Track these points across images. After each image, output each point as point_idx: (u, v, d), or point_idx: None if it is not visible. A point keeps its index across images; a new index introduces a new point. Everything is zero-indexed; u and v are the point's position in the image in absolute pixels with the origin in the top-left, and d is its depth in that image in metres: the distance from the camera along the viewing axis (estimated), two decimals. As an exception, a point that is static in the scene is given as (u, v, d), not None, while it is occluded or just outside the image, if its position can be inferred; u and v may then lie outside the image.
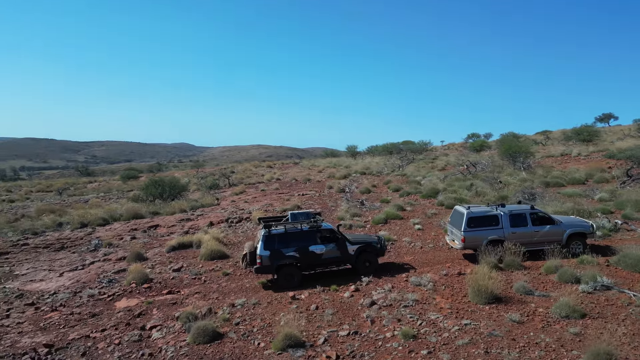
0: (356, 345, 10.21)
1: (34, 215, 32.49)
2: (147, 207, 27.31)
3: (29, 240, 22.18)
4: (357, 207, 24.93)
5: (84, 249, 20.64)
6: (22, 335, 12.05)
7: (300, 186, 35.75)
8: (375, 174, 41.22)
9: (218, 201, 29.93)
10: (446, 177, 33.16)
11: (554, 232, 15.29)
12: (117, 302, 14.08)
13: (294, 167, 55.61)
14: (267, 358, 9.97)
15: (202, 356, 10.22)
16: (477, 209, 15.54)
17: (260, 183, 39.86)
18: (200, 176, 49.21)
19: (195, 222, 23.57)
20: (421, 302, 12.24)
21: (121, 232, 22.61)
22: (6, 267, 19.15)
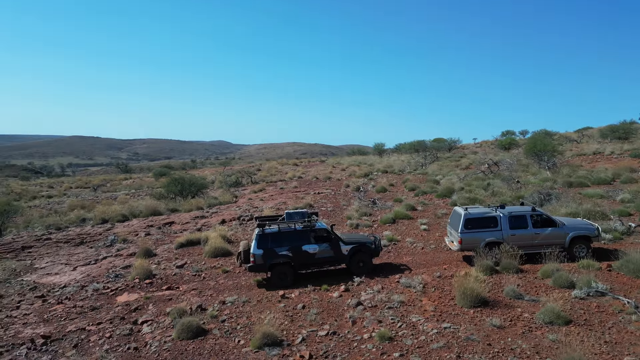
0: (332, 345, 10.31)
1: (65, 211, 34.13)
2: (166, 204, 28.20)
3: (52, 235, 23.38)
4: (369, 207, 24.88)
5: (100, 244, 21.59)
6: (25, 326, 12.80)
7: (319, 184, 35.93)
8: (396, 172, 40.89)
9: (236, 199, 30.53)
10: (466, 177, 32.52)
11: (556, 235, 14.84)
12: (118, 297, 14.69)
13: (319, 165, 55.83)
14: (244, 356, 10.22)
15: (182, 351, 10.58)
16: (475, 210, 15.28)
17: (281, 181, 40.29)
18: (226, 174, 50.19)
19: (208, 220, 24.17)
20: (407, 303, 12.19)
21: (137, 229, 23.47)
22: (28, 261, 20.29)
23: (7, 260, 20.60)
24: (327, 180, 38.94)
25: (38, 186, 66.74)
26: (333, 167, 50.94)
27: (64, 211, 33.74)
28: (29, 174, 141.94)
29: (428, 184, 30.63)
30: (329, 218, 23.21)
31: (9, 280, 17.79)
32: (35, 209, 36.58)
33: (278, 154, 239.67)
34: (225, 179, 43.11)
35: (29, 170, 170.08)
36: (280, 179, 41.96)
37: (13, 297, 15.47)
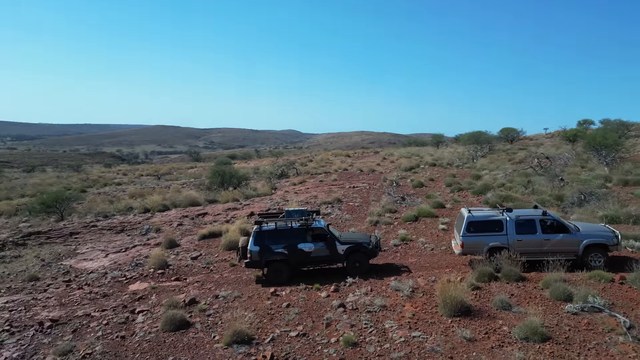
0: (296, 347, 10.45)
1: (125, 198, 36.82)
2: (206, 195, 29.52)
3: (99, 223, 25.41)
4: (397, 203, 24.43)
5: (136, 233, 23.16)
6: (44, 309, 14.17)
7: (359, 178, 35.72)
8: (444, 165, 39.58)
9: (274, 191, 31.23)
10: (513, 172, 30.80)
11: (568, 242, 13.79)
12: (130, 285, 15.78)
13: (371, 157, 55.31)
14: (213, 351, 10.65)
15: (161, 343, 11.22)
16: (479, 213, 14.57)
17: (326, 173, 40.52)
18: (278, 165, 51.27)
19: (239, 212, 25.02)
20: (388, 308, 11.99)
21: (173, 219, 24.86)
22: (72, 246, 22.27)
23: (56, 244, 22.75)
24: (371, 173, 38.59)
25: (115, 173, 72.13)
26: (383, 159, 50.29)
27: (124, 199, 36.41)
28: (113, 161, 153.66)
29: (468, 180, 29.41)
30: (353, 213, 23.14)
31: (51, 263, 19.68)
32: (100, 196, 39.77)
33: (345, 143, 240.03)
34: (275, 171, 44.11)
35: (116, 157, 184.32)
36: (325, 171, 42.20)
37: (45, 281, 17.15)
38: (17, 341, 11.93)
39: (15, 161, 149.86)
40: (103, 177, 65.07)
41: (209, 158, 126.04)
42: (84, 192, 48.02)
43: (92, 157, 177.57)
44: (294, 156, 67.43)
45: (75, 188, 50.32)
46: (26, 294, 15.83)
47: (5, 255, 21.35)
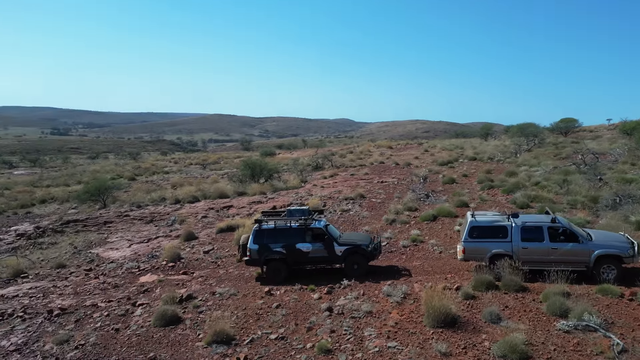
0: (271, 350, 10.52)
1: (166, 188, 38.40)
2: (236, 187, 30.17)
3: (131, 212, 26.70)
4: (420, 200, 23.81)
5: (163, 224, 24.13)
6: (58, 297, 15.15)
7: (392, 172, 35.06)
8: (485, 160, 38.00)
9: (304, 184, 31.37)
10: (554, 169, 29.06)
11: (578, 252, 12.88)
12: (142, 277, 16.50)
13: (413, 149, 54.05)
14: (193, 350, 10.94)
15: (148, 338, 11.66)
16: (483, 218, 13.90)
17: (360, 166, 40.13)
18: (319, 156, 51.37)
19: (263, 205, 25.38)
20: (373, 315, 11.78)
21: (199, 211, 25.65)
22: (104, 235, 23.58)
23: (90, 232, 24.18)
24: (406, 166, 37.77)
25: (167, 161, 75.22)
26: (424, 152, 49.05)
27: (166, 188, 37.95)
28: (172, 148, 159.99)
29: (502, 177, 28.09)
30: (373, 210, 22.81)
31: (81, 251, 20.94)
32: (145, 185, 41.70)
33: (398, 132, 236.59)
34: (311, 163, 44.25)
35: (175, 145, 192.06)
36: (361, 164, 41.79)
37: (70, 268, 18.30)
38: (26, 328, 12.85)
39: (84, 147, 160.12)
40: (155, 165, 67.99)
41: (260, 147, 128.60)
42: (133, 180, 50.72)
43: (153, 144, 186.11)
44: (337, 147, 67.24)
45: (126, 176, 53.20)
46: (49, 280, 16.98)
47: (44, 241, 22.99)
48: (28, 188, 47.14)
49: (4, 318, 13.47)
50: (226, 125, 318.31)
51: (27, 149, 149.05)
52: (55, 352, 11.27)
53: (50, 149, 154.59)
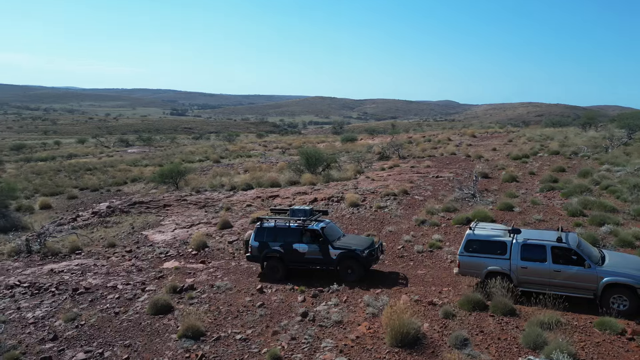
0: (228, 351, 10.90)
1: (239, 173, 40.49)
2: (290, 177, 30.85)
3: (189, 197, 28.67)
4: (464, 200, 22.42)
5: (212, 210, 25.62)
6: (92, 276, 16.98)
7: (456, 165, 33.19)
8: (568, 155, 34.37)
9: (358, 176, 31.07)
10: (638, 170, 25.48)
11: (584, 277, 11.41)
12: (165, 263, 17.83)
13: (497, 138, 50.35)
14: (166, 341, 11.69)
15: (136, 325, 12.63)
16: (482, 231, 12.83)
17: (429, 157, 38.57)
18: (389, 145, 50.34)
19: (307, 197, 25.71)
20: (342, 325, 11.62)
21: (247, 199, 26.74)
22: (161, 217, 25.68)
23: (151, 214, 26.48)
24: (478, 159, 35.53)
25: (258, 144, 78.73)
26: (508, 142, 45.63)
27: (239, 173, 40.01)
28: (270, 131, 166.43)
29: (572, 177, 25.29)
30: (410, 209, 22.01)
31: (135, 232, 23.11)
32: (221, 169, 44.31)
33: (507, 116, 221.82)
34: (382, 151, 43.53)
35: (277, 126, 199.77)
36: (430, 154, 40.15)
37: (116, 249, 20.30)
38: (51, 302, 14.67)
39: (195, 127, 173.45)
40: (244, 147, 71.62)
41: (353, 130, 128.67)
42: (218, 162, 54.08)
43: (256, 126, 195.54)
44: (418, 134, 65.03)
45: (212, 158, 56.91)
46: (95, 259, 19.05)
47: (109, 220, 25.69)
48: (127, 167, 52.54)
49: (39, 292, 15.51)
50: (326, 107, 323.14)
51: (148, 128, 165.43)
52: (61, 328, 12.79)
53: (167, 128, 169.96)
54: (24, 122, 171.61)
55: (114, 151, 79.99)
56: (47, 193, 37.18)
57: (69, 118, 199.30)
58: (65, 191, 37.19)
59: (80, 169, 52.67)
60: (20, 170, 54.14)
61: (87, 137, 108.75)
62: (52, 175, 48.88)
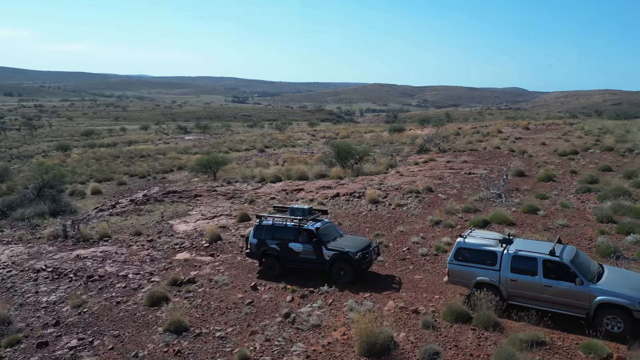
0: (203, 349, 11.20)
1: (271, 164, 41.04)
2: (320, 169, 30.83)
3: (219, 188, 29.46)
4: (489, 200, 21.42)
5: (238, 202, 26.22)
6: (110, 264, 18.00)
7: (495, 161, 31.65)
8: (622, 152, 31.76)
9: (389, 170, 30.49)
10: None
11: (576, 295, 10.62)
12: (178, 254, 18.52)
13: (552, 131, 47.34)
14: (151, 333, 12.19)
15: (131, 316, 13.23)
16: (473, 240, 12.23)
17: (471, 151, 37.07)
18: (439, 136, 48.90)
19: (330, 191, 25.63)
20: (318, 329, 11.60)
21: (273, 191, 27.07)
22: (190, 207, 26.65)
23: (182, 204, 27.54)
24: (521, 154, 33.72)
25: (307, 133, 79.14)
26: (562, 136, 42.88)
27: (277, 164, 40.56)
28: (325, 118, 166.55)
29: (614, 178, 23.39)
30: (430, 208, 21.37)
31: (163, 221, 24.17)
32: (261, 159, 45.06)
33: (580, 104, 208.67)
34: (423, 143, 42.44)
35: (332, 114, 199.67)
36: (473, 147, 38.56)
37: (140, 237, 21.29)
38: (66, 288, 15.74)
39: (254, 115, 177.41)
40: (292, 136, 72.29)
41: (408, 119, 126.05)
42: (262, 152, 55.04)
43: (313, 113, 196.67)
44: (469, 125, 62.52)
45: (257, 147, 58.02)
46: (118, 247, 20.15)
47: (143, 209, 26.99)
48: (177, 154, 54.70)
49: (59, 277, 16.68)
50: (384, 94, 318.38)
51: (209, 115, 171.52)
52: (66, 314, 13.71)
53: (227, 115, 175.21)
54: (98, 109, 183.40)
55: (172, 138, 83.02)
56: (101, 179, 39.44)
57: (138, 105, 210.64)
58: (116, 177, 39.36)
59: (135, 156, 55.31)
60: (82, 156, 57.50)
61: (150, 124, 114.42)
62: (110, 161, 51.73)
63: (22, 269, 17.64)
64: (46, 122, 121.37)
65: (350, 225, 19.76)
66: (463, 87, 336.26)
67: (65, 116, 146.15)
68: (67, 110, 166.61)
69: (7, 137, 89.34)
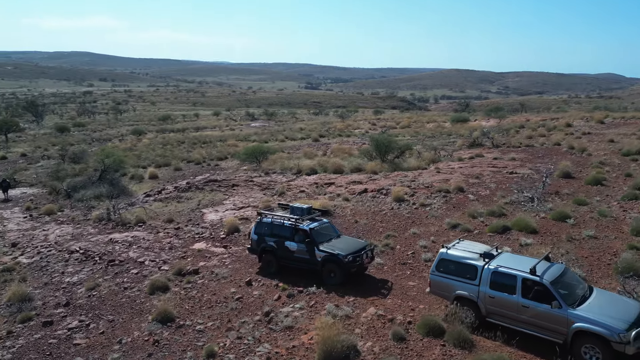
0: (179, 341, 11.74)
1: (319, 155, 41.19)
2: (358, 163, 30.51)
3: (256, 179, 30.18)
4: (520, 204, 20.10)
5: (270, 193, 26.75)
6: (134, 250, 19.21)
7: (547, 159, 29.46)
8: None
9: (429, 166, 29.46)
10: None
11: (553, 318, 9.84)
12: (196, 244, 19.34)
13: (630, 126, 42.96)
14: (142, 321, 12.94)
15: (131, 302, 14.10)
16: (456, 252, 11.63)
17: (527, 147, 34.79)
18: (500, 129, 46.45)
19: (358, 187, 25.33)
20: (290, 331, 11.73)
21: (305, 184, 27.24)
22: (226, 196, 27.61)
23: (219, 193, 28.59)
24: (580, 153, 31.11)
25: (367, 122, 78.14)
26: (638, 131, 38.86)
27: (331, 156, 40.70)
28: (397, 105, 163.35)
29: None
30: (454, 210, 20.48)
31: (197, 209, 25.30)
32: (309, 149, 45.33)
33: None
34: (475, 137, 40.52)
35: (405, 101, 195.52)
36: (530, 143, 36.10)
37: (170, 224, 22.45)
38: (89, 270, 17.10)
39: (324, 102, 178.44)
40: (351, 125, 71.77)
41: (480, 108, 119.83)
42: (316, 141, 55.30)
43: (384, 100, 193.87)
44: (539, 116, 58.30)
45: (312, 137, 58.37)
46: (147, 232, 21.46)
47: (184, 196, 28.39)
48: (236, 141, 56.47)
49: (87, 259, 18.15)
50: (462, 80, 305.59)
51: (281, 102, 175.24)
52: (78, 296, 14.95)
53: (297, 101, 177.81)
54: (179, 94, 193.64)
55: (239, 125, 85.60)
56: (161, 164, 41.78)
57: (215, 91, 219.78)
58: (174, 163, 41.48)
59: (198, 142, 57.72)
60: (152, 141, 60.96)
61: (221, 110, 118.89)
62: (175, 146, 54.44)
63: (60, 249, 19.38)
64: (131, 107, 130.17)
65: (366, 224, 19.50)
66: (550, 73, 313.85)
67: (149, 101, 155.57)
68: (152, 96, 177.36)
69: (95, 120, 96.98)
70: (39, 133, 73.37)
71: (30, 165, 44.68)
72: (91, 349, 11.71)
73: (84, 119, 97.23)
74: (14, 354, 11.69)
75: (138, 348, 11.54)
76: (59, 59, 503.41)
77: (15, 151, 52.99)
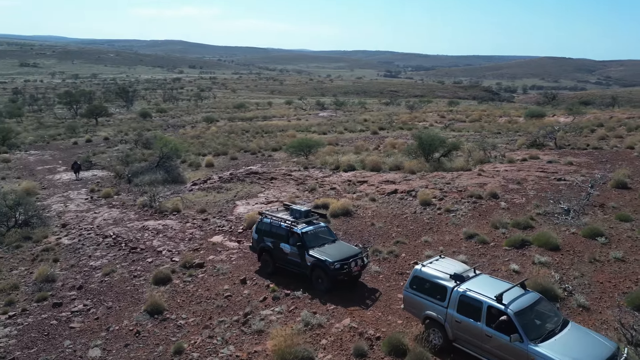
0: (157, 334, 12.33)
1: (370, 149, 40.57)
2: (394, 161, 29.64)
3: (294, 173, 30.42)
4: (552, 216, 18.47)
5: (301, 189, 26.90)
6: (159, 238, 20.27)
7: (609, 165, 26.62)
8: None
9: (473, 168, 27.86)
10: None
11: (514, 353, 9.10)
12: (214, 236, 20.01)
13: None
14: (135, 310, 13.71)
15: (134, 291, 14.95)
16: (430, 270, 11.02)
17: (596, 149, 31.69)
18: (574, 126, 42.84)
19: (390, 187, 24.65)
20: (259, 335, 11.87)
21: (338, 181, 26.99)
22: (263, 189, 28.21)
23: (257, 185, 29.27)
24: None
25: (436, 114, 75.39)
26: None
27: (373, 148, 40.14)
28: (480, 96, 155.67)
29: None
30: (478, 218, 19.32)
31: (232, 200, 26.14)
32: (363, 142, 44.77)
33: None
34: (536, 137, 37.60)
35: (488, 91, 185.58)
36: (598, 146, 32.85)
37: (204, 214, 23.28)
38: (112, 256, 18.38)
39: (401, 91, 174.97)
40: (418, 117, 69.48)
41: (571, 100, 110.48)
42: (375, 134, 54.30)
43: (466, 90, 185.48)
44: (625, 114, 52.61)
45: (371, 129, 57.42)
46: (177, 222, 22.57)
47: (224, 187, 29.41)
48: (294, 132, 56.98)
49: (115, 244, 19.52)
50: (556, 69, 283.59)
51: (357, 90, 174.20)
52: (94, 280, 16.17)
53: (374, 90, 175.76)
54: (260, 82, 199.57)
55: (307, 114, 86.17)
56: (220, 152, 43.44)
57: (293, 79, 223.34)
58: (231, 152, 42.94)
59: (261, 131, 59.09)
60: (219, 129, 63.40)
61: (294, 99, 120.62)
62: (239, 135, 56.20)
63: (97, 233, 21.02)
64: (212, 94, 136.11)
65: (381, 227, 19.01)
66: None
67: (230, 88, 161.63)
68: (234, 83, 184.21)
69: (177, 106, 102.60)
70: (125, 118, 79.11)
71: (109, 149, 48.04)
72: (82, 333, 12.65)
73: (168, 105, 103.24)
74: (20, 330, 12.95)
75: (120, 337, 12.30)
76: (155, 47, 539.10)
77: (100, 135, 57.36)
